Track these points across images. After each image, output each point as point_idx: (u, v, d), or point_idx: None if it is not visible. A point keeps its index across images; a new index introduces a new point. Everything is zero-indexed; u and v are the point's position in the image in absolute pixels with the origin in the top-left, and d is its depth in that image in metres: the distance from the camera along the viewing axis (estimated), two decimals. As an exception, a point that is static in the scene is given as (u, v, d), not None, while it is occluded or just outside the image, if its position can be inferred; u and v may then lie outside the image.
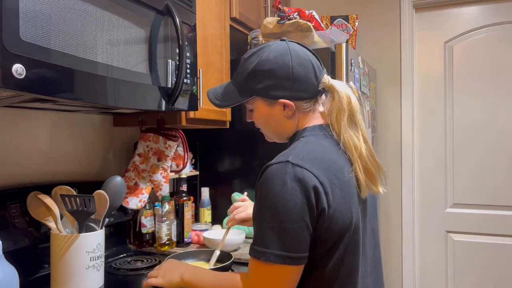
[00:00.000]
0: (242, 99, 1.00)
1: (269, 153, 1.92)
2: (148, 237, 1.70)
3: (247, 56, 1.01)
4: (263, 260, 0.84)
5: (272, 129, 1.03)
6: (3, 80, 0.78)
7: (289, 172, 0.85)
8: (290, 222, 0.83)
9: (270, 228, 0.84)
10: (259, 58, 0.97)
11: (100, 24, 1.04)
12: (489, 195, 2.40)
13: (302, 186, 0.84)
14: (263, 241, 0.85)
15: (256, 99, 0.99)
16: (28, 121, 1.36)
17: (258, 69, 0.96)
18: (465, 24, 2.45)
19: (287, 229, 0.83)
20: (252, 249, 0.87)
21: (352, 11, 2.57)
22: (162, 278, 1.06)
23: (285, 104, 0.96)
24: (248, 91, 0.99)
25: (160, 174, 1.61)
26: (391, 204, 2.55)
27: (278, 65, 0.95)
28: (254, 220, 0.89)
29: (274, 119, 0.99)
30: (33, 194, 1.18)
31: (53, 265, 1.14)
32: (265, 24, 1.87)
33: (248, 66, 0.98)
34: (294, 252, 0.84)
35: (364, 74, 2.12)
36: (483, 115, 2.41)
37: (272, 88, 0.95)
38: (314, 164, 0.87)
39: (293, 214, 0.83)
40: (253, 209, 0.91)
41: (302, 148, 0.92)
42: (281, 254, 0.83)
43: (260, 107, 1.00)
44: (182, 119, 1.58)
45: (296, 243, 0.84)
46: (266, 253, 0.84)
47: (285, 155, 0.90)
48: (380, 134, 2.57)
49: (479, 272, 2.42)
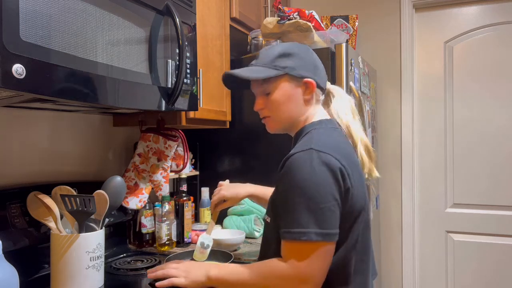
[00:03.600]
0: (272, 73, 1.04)
1: (269, 153, 1.94)
2: (148, 237, 1.70)
3: (268, 47, 1.10)
4: (304, 239, 0.90)
5: (287, 111, 1.07)
6: (3, 80, 0.78)
7: (315, 157, 0.93)
8: (324, 202, 0.90)
9: (306, 210, 0.90)
10: (286, 45, 1.07)
11: (100, 24, 1.04)
12: (489, 195, 2.40)
13: (329, 168, 0.92)
14: (300, 222, 0.90)
15: (282, 78, 1.05)
16: (28, 121, 1.36)
17: (287, 51, 1.06)
18: (465, 24, 2.45)
19: (322, 209, 0.90)
20: (289, 233, 0.92)
21: (352, 11, 2.57)
22: (186, 279, 1.04)
23: (307, 85, 1.05)
24: (277, 69, 1.05)
25: (160, 174, 1.61)
26: (391, 204, 2.55)
27: (303, 51, 1.07)
28: (283, 207, 0.94)
29: (294, 100, 1.06)
30: (33, 194, 1.18)
31: (53, 265, 1.14)
32: (265, 24, 1.87)
33: (274, 51, 1.07)
34: (331, 229, 0.91)
35: (364, 74, 2.12)
36: (483, 115, 2.41)
37: (300, 67, 1.05)
38: (333, 150, 0.96)
39: (326, 194, 0.91)
40: (278, 197, 0.97)
41: (318, 137, 1.00)
42: (321, 232, 0.90)
43: (283, 86, 1.05)
44: (182, 119, 1.58)
45: (331, 220, 0.92)
46: (306, 233, 0.89)
47: (305, 144, 0.97)
48: (380, 134, 2.57)
49: (479, 272, 2.42)
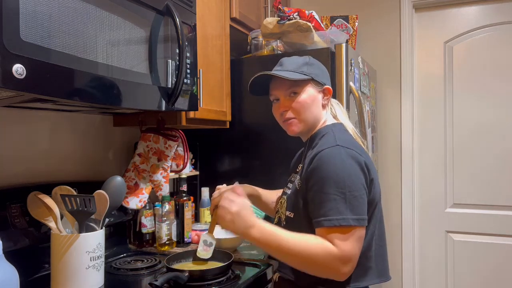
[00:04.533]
0: (302, 77, 1.15)
1: (269, 153, 1.94)
2: (148, 237, 1.71)
3: (288, 58, 1.21)
4: (344, 224, 0.98)
5: (311, 113, 1.18)
6: (4, 80, 0.78)
7: (342, 152, 1.04)
8: (357, 190, 1.01)
9: (341, 199, 0.99)
10: (305, 56, 1.21)
11: (100, 24, 1.04)
12: (489, 195, 2.40)
13: (357, 162, 1.04)
14: (338, 210, 0.99)
15: (308, 83, 1.17)
16: (28, 121, 1.36)
17: (309, 61, 1.19)
18: (465, 24, 2.45)
19: (356, 197, 1.00)
20: (328, 220, 0.99)
21: (352, 11, 2.57)
22: (232, 223, 1.08)
23: (326, 91, 1.20)
24: (305, 74, 1.16)
25: (160, 174, 1.61)
26: (391, 204, 2.55)
27: (319, 62, 1.22)
28: (318, 198, 1.02)
29: (316, 103, 1.18)
30: (33, 194, 1.18)
31: (53, 265, 1.14)
32: (265, 24, 1.87)
33: (298, 59, 1.19)
34: (364, 214, 1.02)
35: (364, 74, 2.12)
36: (483, 115, 2.41)
37: (321, 75, 1.19)
38: (354, 146, 1.08)
39: (358, 184, 1.02)
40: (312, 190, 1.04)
41: (337, 136, 1.11)
42: (357, 217, 1.00)
43: (309, 90, 1.17)
44: (182, 119, 1.58)
45: (363, 207, 1.02)
46: (346, 219, 0.98)
47: (329, 142, 1.08)
48: (380, 134, 2.57)
49: (479, 272, 2.42)
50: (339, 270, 0.99)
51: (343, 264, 0.99)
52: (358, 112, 1.88)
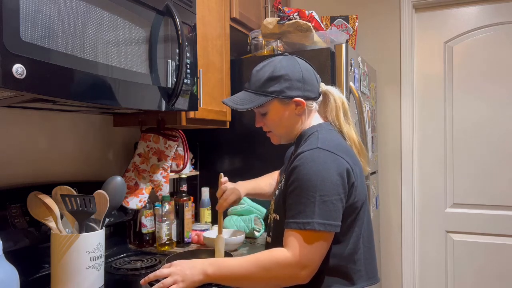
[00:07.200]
0: (262, 101, 1.12)
1: (268, 153, 1.94)
2: (148, 237, 1.71)
3: (259, 67, 1.16)
4: (308, 228, 0.98)
5: (284, 128, 1.17)
6: (4, 80, 0.78)
7: (321, 156, 1.03)
8: (328, 195, 0.99)
9: (311, 203, 0.99)
10: (274, 66, 1.13)
11: (100, 24, 1.04)
12: (489, 195, 2.40)
13: (336, 166, 1.02)
14: (305, 213, 0.99)
15: (273, 101, 1.13)
16: (29, 121, 1.36)
17: (275, 74, 1.12)
18: (465, 24, 2.45)
19: (326, 202, 0.99)
20: (294, 223, 1.00)
21: (352, 12, 2.57)
22: (183, 283, 1.01)
23: (297, 102, 1.13)
24: (266, 94, 1.13)
25: (160, 174, 1.61)
26: (391, 204, 2.55)
27: (290, 70, 1.13)
28: (290, 199, 1.02)
29: (287, 117, 1.15)
30: (33, 194, 1.18)
31: (53, 265, 1.14)
32: (265, 24, 1.88)
33: (264, 74, 1.13)
34: (333, 220, 0.99)
35: (364, 74, 2.12)
36: (483, 115, 2.41)
37: (288, 89, 1.12)
38: (337, 148, 1.05)
39: (330, 189, 1.00)
40: (287, 190, 1.04)
41: (321, 138, 1.08)
42: (323, 222, 0.98)
43: (275, 108, 1.14)
44: (182, 119, 1.58)
45: (333, 213, 1.00)
46: (310, 223, 0.98)
47: (311, 144, 1.06)
48: (380, 134, 2.57)
49: (478, 272, 2.42)
50: (298, 275, 0.99)
51: (300, 269, 0.98)
52: (358, 112, 1.89)
